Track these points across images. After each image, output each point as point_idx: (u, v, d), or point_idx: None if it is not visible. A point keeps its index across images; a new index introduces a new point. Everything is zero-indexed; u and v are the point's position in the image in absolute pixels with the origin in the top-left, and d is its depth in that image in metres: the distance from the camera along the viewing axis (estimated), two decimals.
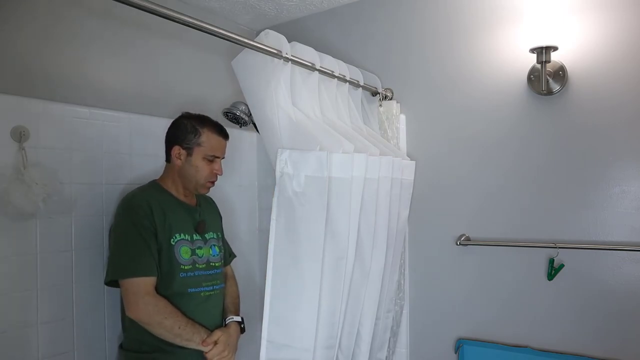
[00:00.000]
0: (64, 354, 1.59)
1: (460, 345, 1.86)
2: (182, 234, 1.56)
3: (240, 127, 2.09)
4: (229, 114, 2.03)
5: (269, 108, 1.45)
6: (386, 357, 1.87)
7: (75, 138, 1.65)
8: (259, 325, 1.40)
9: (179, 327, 1.44)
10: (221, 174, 1.65)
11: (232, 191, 2.30)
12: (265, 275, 1.36)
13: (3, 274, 1.46)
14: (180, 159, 1.59)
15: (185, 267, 1.54)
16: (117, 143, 1.78)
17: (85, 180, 1.67)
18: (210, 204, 1.83)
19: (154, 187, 1.63)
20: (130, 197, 1.55)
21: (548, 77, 1.67)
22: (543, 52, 1.63)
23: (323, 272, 1.42)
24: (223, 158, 1.66)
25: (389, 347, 1.88)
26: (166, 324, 1.42)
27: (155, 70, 2.03)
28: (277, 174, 1.37)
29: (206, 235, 1.66)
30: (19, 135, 1.48)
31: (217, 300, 1.65)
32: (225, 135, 1.65)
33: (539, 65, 1.67)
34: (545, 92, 1.69)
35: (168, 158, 1.63)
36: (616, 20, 1.60)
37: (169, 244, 1.52)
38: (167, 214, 1.55)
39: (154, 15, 1.11)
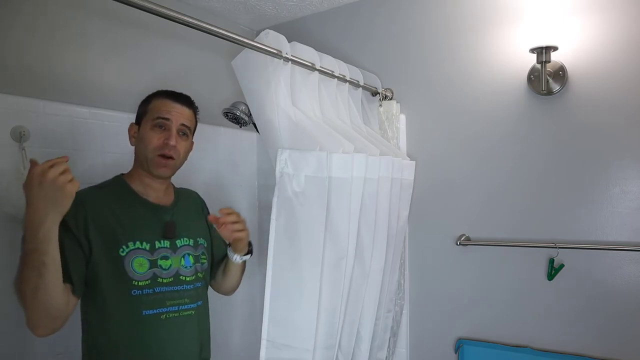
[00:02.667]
0: (64, 354, 1.59)
1: (460, 345, 1.86)
2: (137, 242, 1.26)
3: (240, 127, 2.09)
4: (229, 114, 2.03)
5: (269, 108, 1.45)
6: (386, 357, 1.87)
7: (75, 138, 1.65)
8: (259, 325, 1.39)
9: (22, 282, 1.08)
10: (172, 143, 1.31)
11: (232, 191, 2.30)
12: (265, 275, 1.36)
13: (3, 274, 1.46)
14: (134, 137, 1.34)
15: (140, 283, 1.24)
16: (117, 143, 1.77)
17: (85, 180, 1.67)
18: (193, 201, 1.53)
19: (113, 184, 1.35)
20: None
21: (548, 77, 1.67)
22: (543, 52, 1.62)
23: (323, 272, 1.42)
24: (185, 131, 1.36)
25: (388, 347, 1.88)
26: (19, 295, 1.10)
27: (156, 70, 2.03)
28: (277, 174, 1.37)
29: (177, 241, 1.35)
30: (19, 135, 1.48)
31: (187, 325, 1.32)
32: (180, 99, 1.35)
33: (539, 65, 1.67)
34: (545, 92, 1.69)
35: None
36: (616, 20, 1.60)
37: (116, 256, 1.22)
38: (120, 217, 1.26)
39: (154, 15, 1.11)
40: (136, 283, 1.24)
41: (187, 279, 1.34)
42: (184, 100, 1.38)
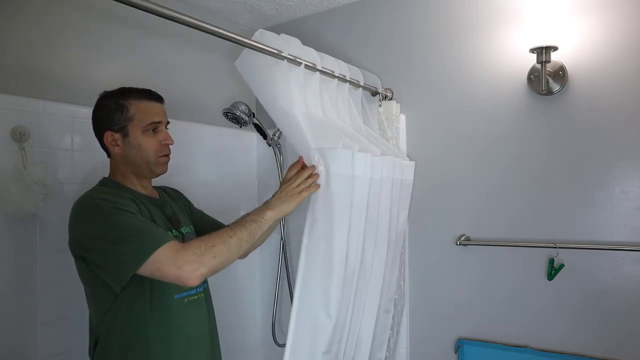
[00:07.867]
0: (64, 354, 1.59)
1: (460, 345, 1.86)
2: None
3: (240, 127, 2.09)
4: (229, 114, 2.04)
5: (286, 106, 1.44)
6: (385, 357, 1.87)
7: (75, 138, 1.65)
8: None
9: (233, 233, 1.23)
10: (172, 143, 1.40)
11: (232, 191, 2.30)
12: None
13: (3, 274, 1.46)
14: (118, 145, 1.34)
15: None
16: None
17: (85, 181, 1.67)
18: (173, 193, 1.58)
19: (111, 184, 1.36)
20: (91, 196, 1.25)
21: (548, 77, 1.67)
22: (543, 52, 1.62)
23: (346, 272, 1.43)
24: (168, 124, 1.43)
25: (388, 347, 1.88)
26: (219, 248, 1.18)
27: (156, 70, 2.03)
28: None
29: (182, 229, 1.44)
30: (19, 135, 1.48)
31: (202, 306, 1.42)
32: (157, 98, 1.40)
33: (539, 65, 1.67)
34: (545, 92, 1.69)
35: (107, 151, 1.38)
36: (616, 20, 1.60)
37: None
38: (142, 210, 1.30)
39: (154, 15, 1.11)
40: None
41: None
42: (159, 97, 1.42)
